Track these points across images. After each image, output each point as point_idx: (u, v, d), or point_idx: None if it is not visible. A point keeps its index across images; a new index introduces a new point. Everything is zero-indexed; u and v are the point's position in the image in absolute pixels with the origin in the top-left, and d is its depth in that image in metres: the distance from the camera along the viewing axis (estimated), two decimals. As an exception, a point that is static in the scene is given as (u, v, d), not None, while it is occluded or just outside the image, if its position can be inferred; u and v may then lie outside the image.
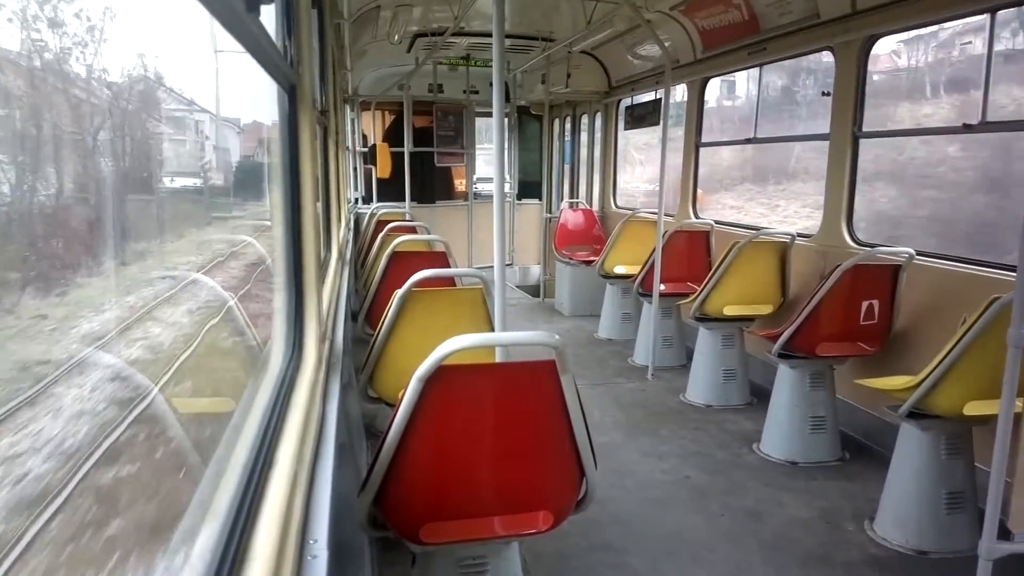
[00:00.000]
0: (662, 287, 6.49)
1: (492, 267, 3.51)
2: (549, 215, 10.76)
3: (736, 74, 7.64)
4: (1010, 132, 4.72)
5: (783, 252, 5.74)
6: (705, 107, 7.58)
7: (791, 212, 16.20)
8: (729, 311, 5.68)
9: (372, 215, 8.33)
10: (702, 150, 7.51)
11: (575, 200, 10.88)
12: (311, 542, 1.41)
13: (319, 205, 2.66)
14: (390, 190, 10.40)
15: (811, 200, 14.40)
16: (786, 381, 4.83)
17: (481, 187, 11.99)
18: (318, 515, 1.51)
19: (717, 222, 7.08)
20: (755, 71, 7.00)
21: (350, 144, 10.67)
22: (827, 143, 5.45)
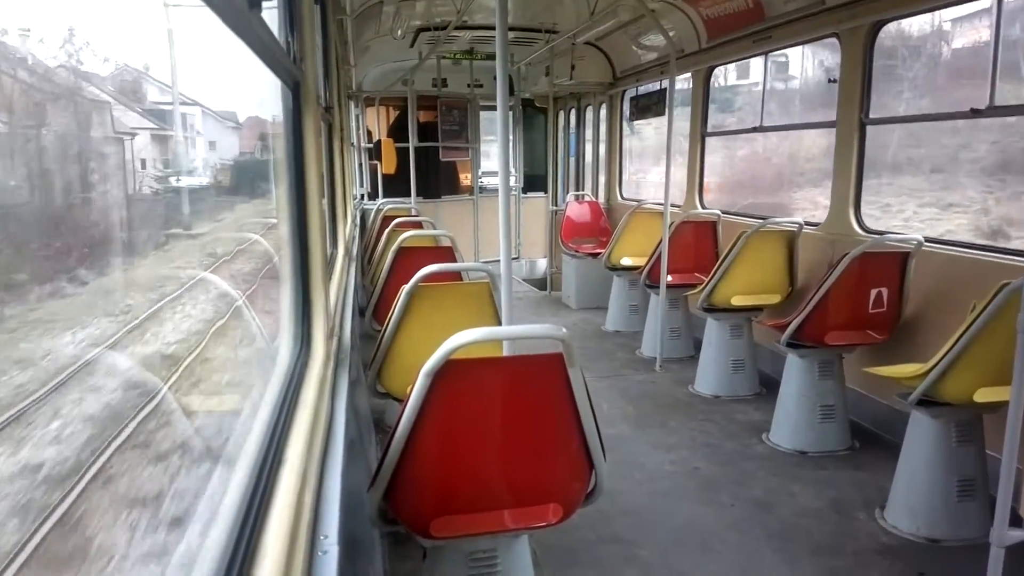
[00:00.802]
0: (669, 278, 6.48)
1: (499, 261, 3.51)
2: (555, 208, 10.74)
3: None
4: (1020, 116, 4.67)
5: (791, 241, 5.71)
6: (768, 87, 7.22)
7: (911, 214, 12.43)
8: (737, 301, 5.67)
9: (378, 211, 8.34)
10: (814, 134, 7.08)
11: (581, 192, 10.85)
12: (322, 538, 1.42)
13: (325, 202, 2.66)
14: (395, 186, 10.40)
15: (931, 197, 11.72)
16: (795, 370, 4.81)
17: (487, 181, 11.97)
18: (328, 511, 1.52)
19: (724, 211, 7.05)
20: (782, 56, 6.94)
21: (355, 140, 10.67)
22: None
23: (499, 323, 3.57)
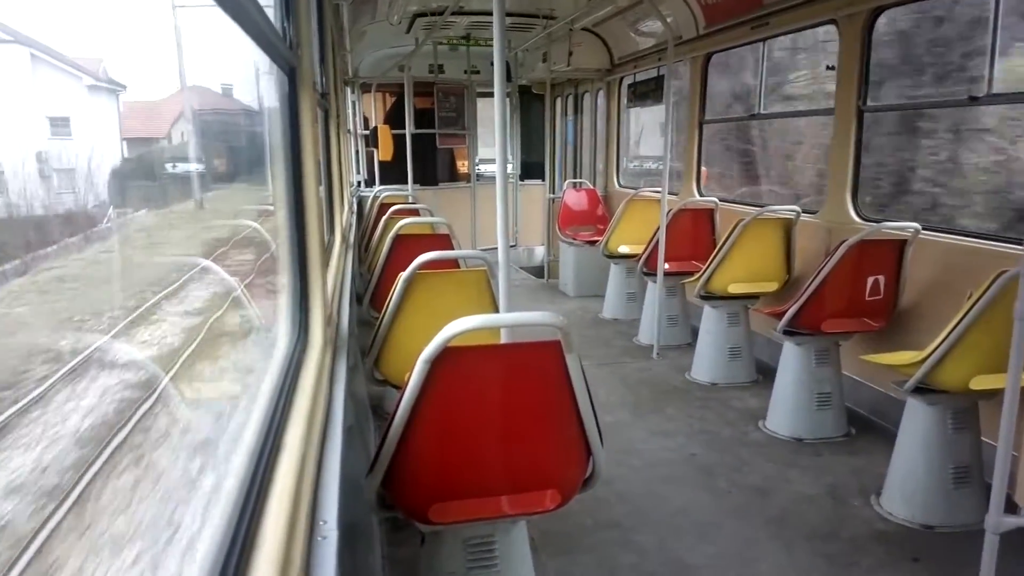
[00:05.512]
0: (667, 266, 6.48)
1: (496, 248, 3.50)
2: (552, 195, 10.72)
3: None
4: (1018, 104, 4.67)
5: (788, 229, 5.71)
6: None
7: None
8: (734, 289, 5.67)
9: (375, 198, 8.31)
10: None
11: (578, 180, 10.83)
12: (321, 523, 1.42)
13: (322, 189, 2.65)
14: (392, 173, 10.37)
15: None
16: (792, 358, 4.83)
17: (484, 168, 11.94)
18: (327, 497, 1.52)
19: (721, 199, 7.05)
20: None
21: (351, 127, 10.63)
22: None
23: (496, 310, 3.57)
